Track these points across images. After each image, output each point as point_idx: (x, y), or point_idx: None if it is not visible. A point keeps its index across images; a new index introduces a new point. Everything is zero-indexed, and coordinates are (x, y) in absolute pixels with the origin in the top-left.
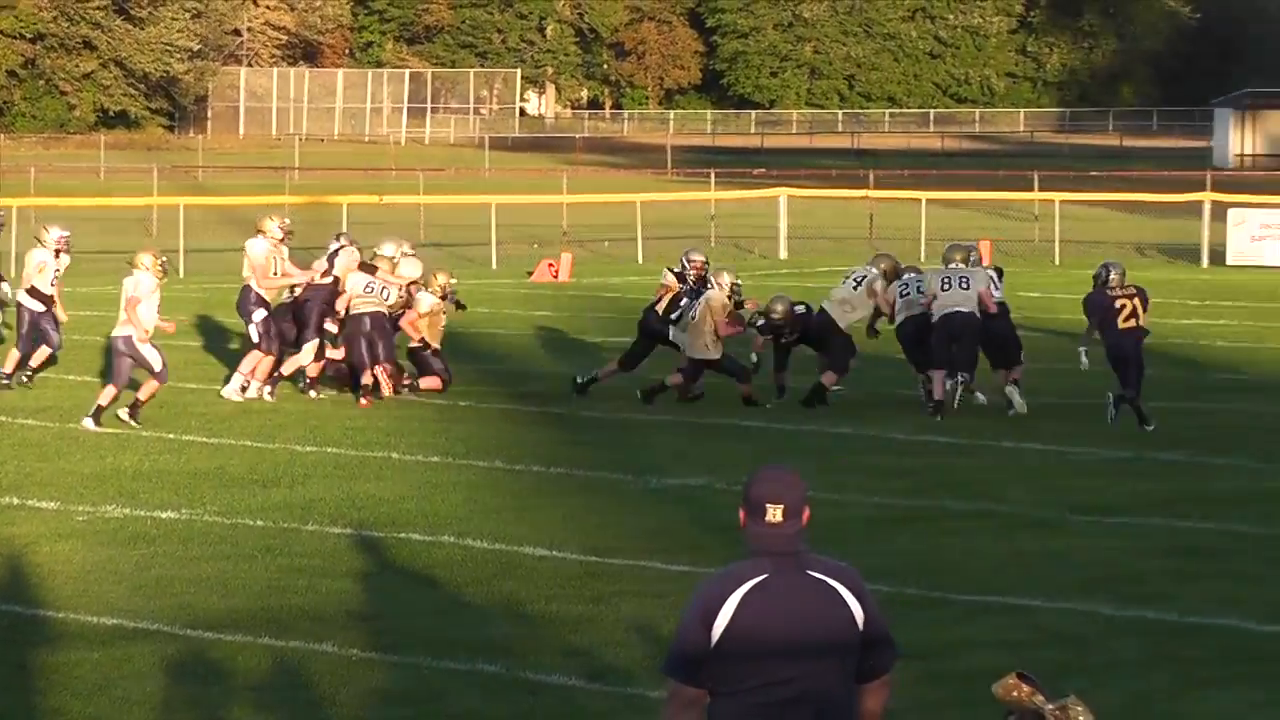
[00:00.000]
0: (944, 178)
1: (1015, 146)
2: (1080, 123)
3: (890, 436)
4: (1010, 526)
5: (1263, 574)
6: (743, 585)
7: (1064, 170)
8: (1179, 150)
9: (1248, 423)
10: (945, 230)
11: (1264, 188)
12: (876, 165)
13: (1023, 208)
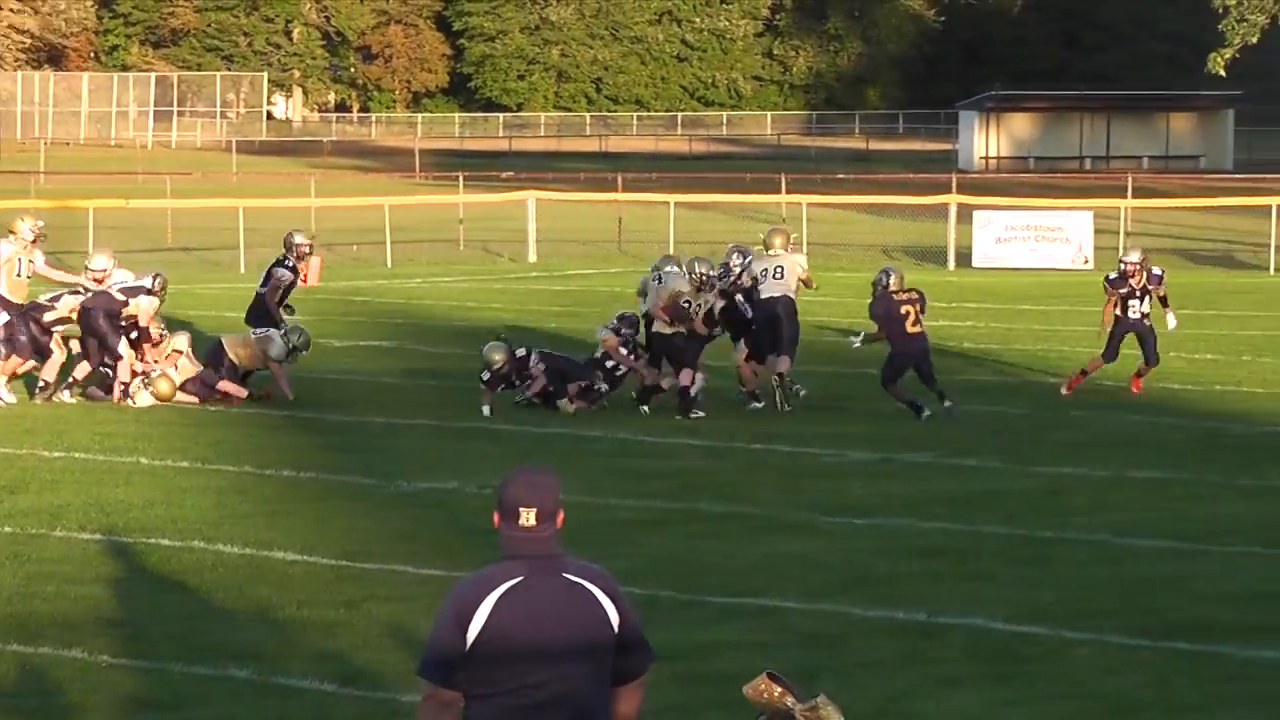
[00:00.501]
0: (692, 181)
1: (762, 149)
2: (827, 126)
3: (641, 439)
4: (762, 528)
5: (1008, 574)
6: (497, 588)
7: (811, 173)
8: (925, 153)
9: (994, 424)
10: (693, 233)
11: (1009, 190)
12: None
13: (770, 210)
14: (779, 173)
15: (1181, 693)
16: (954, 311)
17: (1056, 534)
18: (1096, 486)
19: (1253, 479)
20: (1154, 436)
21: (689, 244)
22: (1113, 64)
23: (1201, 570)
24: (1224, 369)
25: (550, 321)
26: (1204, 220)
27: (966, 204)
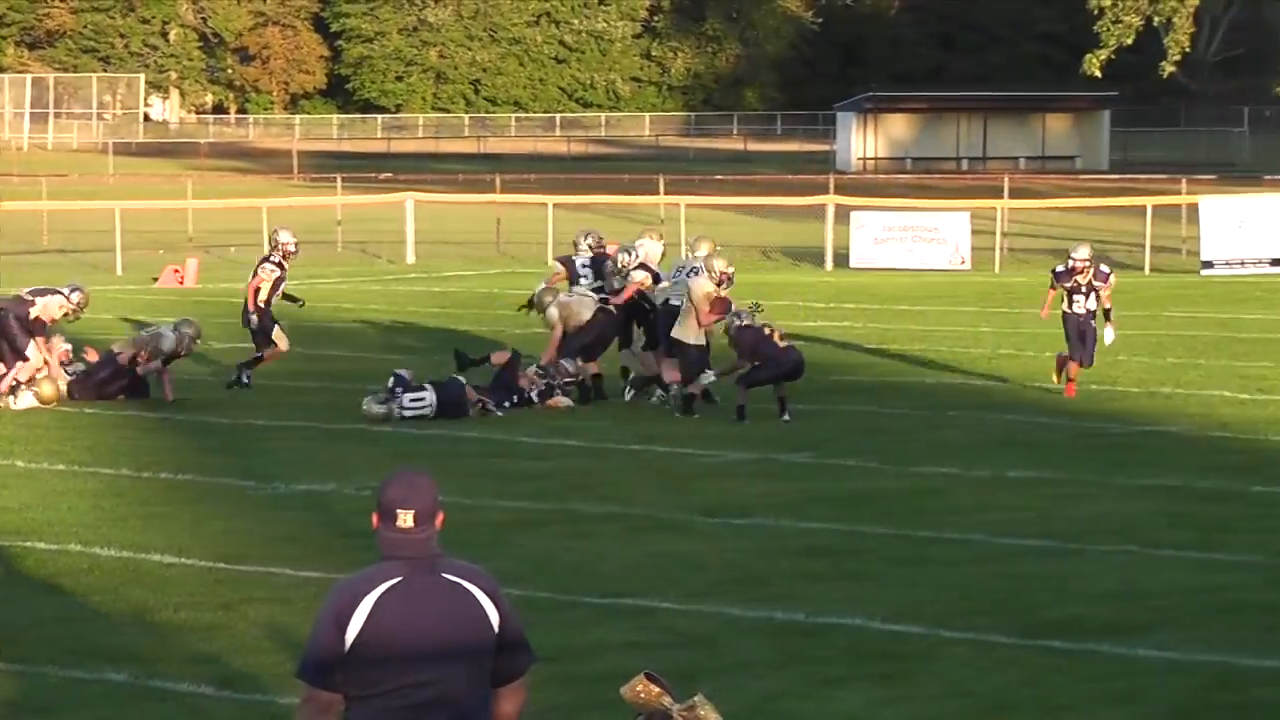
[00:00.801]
0: (570, 182)
1: (641, 150)
2: (705, 127)
3: (520, 440)
4: (640, 529)
5: (886, 573)
6: (376, 589)
7: (689, 174)
8: (803, 154)
9: (871, 424)
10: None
11: (886, 191)
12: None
13: (649, 212)
14: (657, 174)
15: (1057, 691)
16: (831, 312)
17: (935, 534)
18: (974, 486)
19: (1127, 478)
20: (1030, 436)
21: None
22: (989, 65)
23: (1076, 569)
24: (1099, 369)
25: (430, 322)
26: (1080, 221)
27: (844, 205)
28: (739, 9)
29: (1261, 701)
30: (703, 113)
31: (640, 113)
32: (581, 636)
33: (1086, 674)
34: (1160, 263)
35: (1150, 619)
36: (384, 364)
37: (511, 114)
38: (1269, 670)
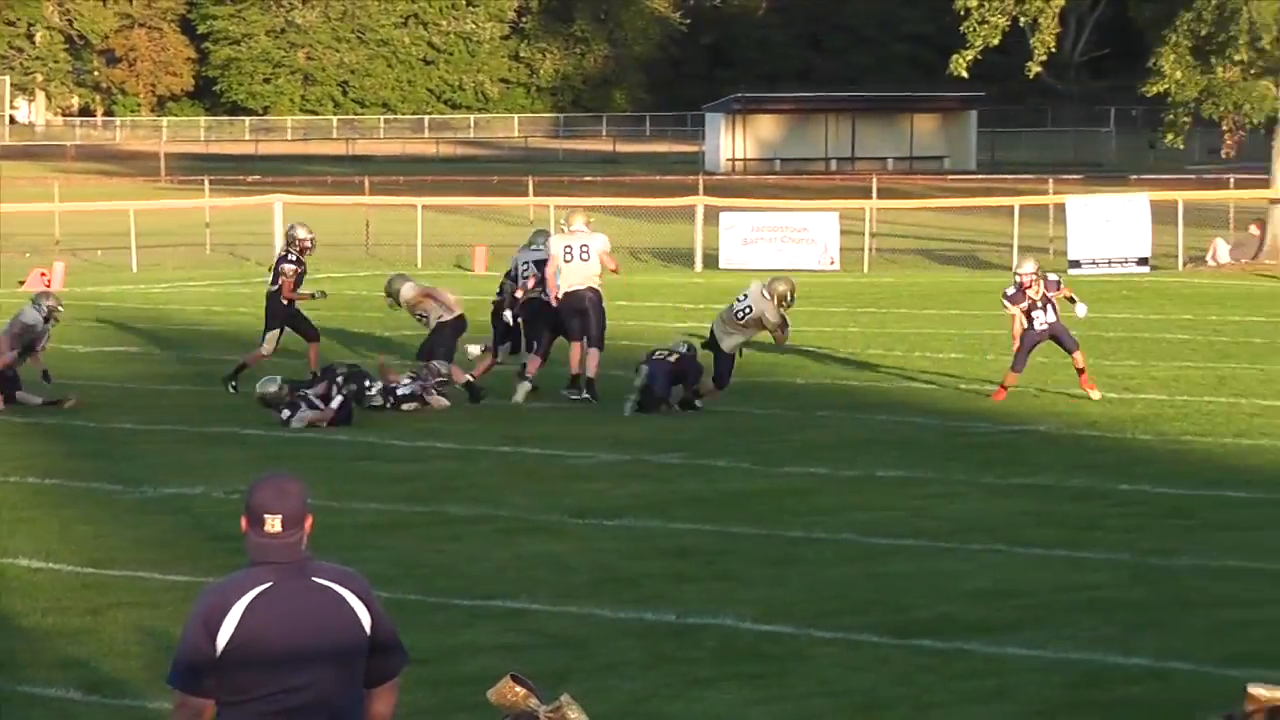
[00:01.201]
0: (439, 184)
1: (510, 152)
2: (574, 128)
3: (390, 443)
4: (510, 530)
5: (756, 574)
6: (246, 594)
7: (558, 176)
8: (672, 155)
9: (741, 424)
10: (441, 236)
11: (755, 191)
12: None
13: (518, 213)
14: (526, 175)
15: (927, 690)
16: (701, 313)
17: (804, 534)
18: (843, 486)
19: (996, 477)
20: (900, 436)
21: (437, 246)
22: (857, 66)
23: (946, 568)
24: (969, 368)
25: None
26: (948, 220)
27: (713, 206)
28: (607, 10)
29: (1128, 699)
30: (571, 114)
31: (509, 114)
32: (451, 639)
33: (956, 672)
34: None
35: (1019, 617)
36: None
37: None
38: (1135, 668)
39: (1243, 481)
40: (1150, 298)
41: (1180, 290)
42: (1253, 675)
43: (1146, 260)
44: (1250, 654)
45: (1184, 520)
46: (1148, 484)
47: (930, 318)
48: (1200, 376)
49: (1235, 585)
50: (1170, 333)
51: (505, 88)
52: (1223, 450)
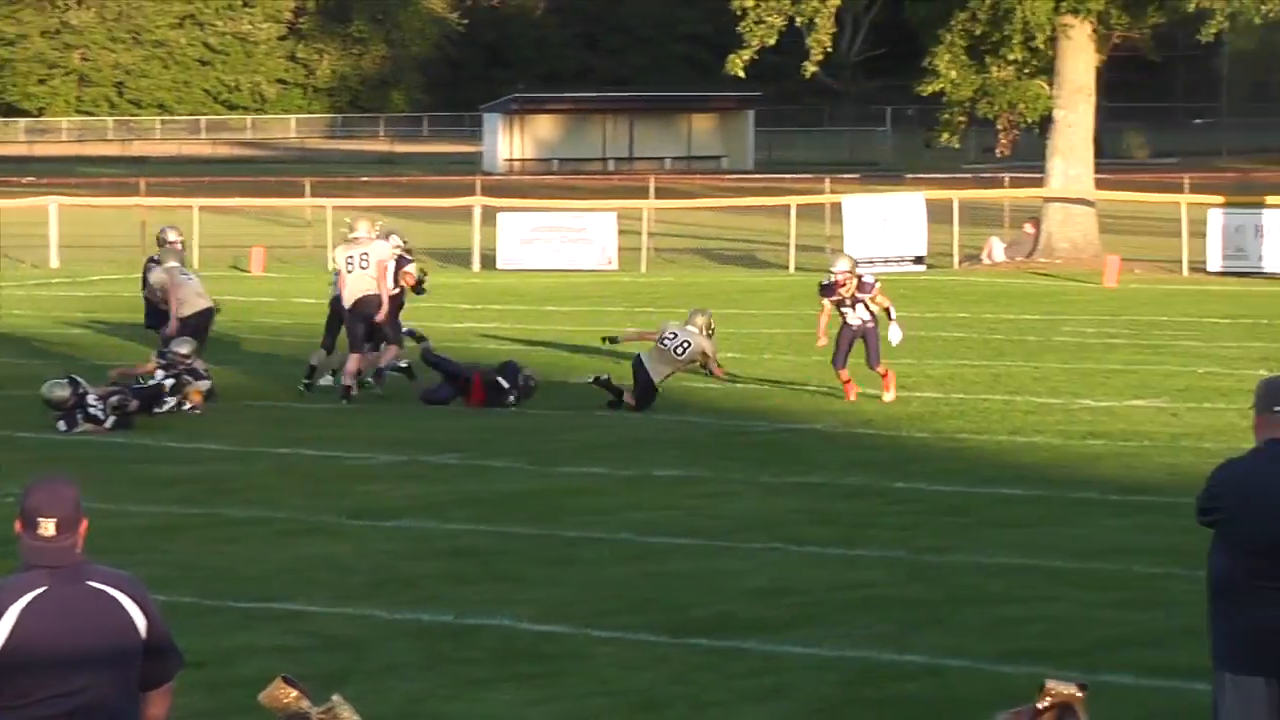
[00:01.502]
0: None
1: (287, 153)
2: (352, 129)
3: (166, 445)
4: (287, 532)
5: (533, 574)
6: (20, 599)
7: (335, 176)
8: (450, 155)
9: (518, 425)
10: (219, 237)
11: (533, 192)
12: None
13: (295, 214)
14: (304, 176)
15: (705, 688)
16: (479, 313)
17: (582, 533)
18: (621, 485)
19: (772, 476)
20: (677, 435)
21: (215, 248)
22: (634, 66)
23: (723, 567)
24: (746, 367)
25: (74, 329)
26: (726, 220)
27: (491, 206)
28: (384, 10)
29: (903, 696)
30: (349, 115)
31: (286, 115)
32: (228, 641)
33: (734, 670)
34: (805, 261)
35: (796, 615)
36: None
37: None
38: (911, 665)
39: (1017, 478)
40: (926, 296)
41: (956, 289)
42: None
43: (922, 259)
44: (1025, 650)
45: (959, 518)
46: (923, 481)
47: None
48: (975, 374)
49: (1010, 582)
50: (946, 331)
51: (282, 88)
52: (997, 447)
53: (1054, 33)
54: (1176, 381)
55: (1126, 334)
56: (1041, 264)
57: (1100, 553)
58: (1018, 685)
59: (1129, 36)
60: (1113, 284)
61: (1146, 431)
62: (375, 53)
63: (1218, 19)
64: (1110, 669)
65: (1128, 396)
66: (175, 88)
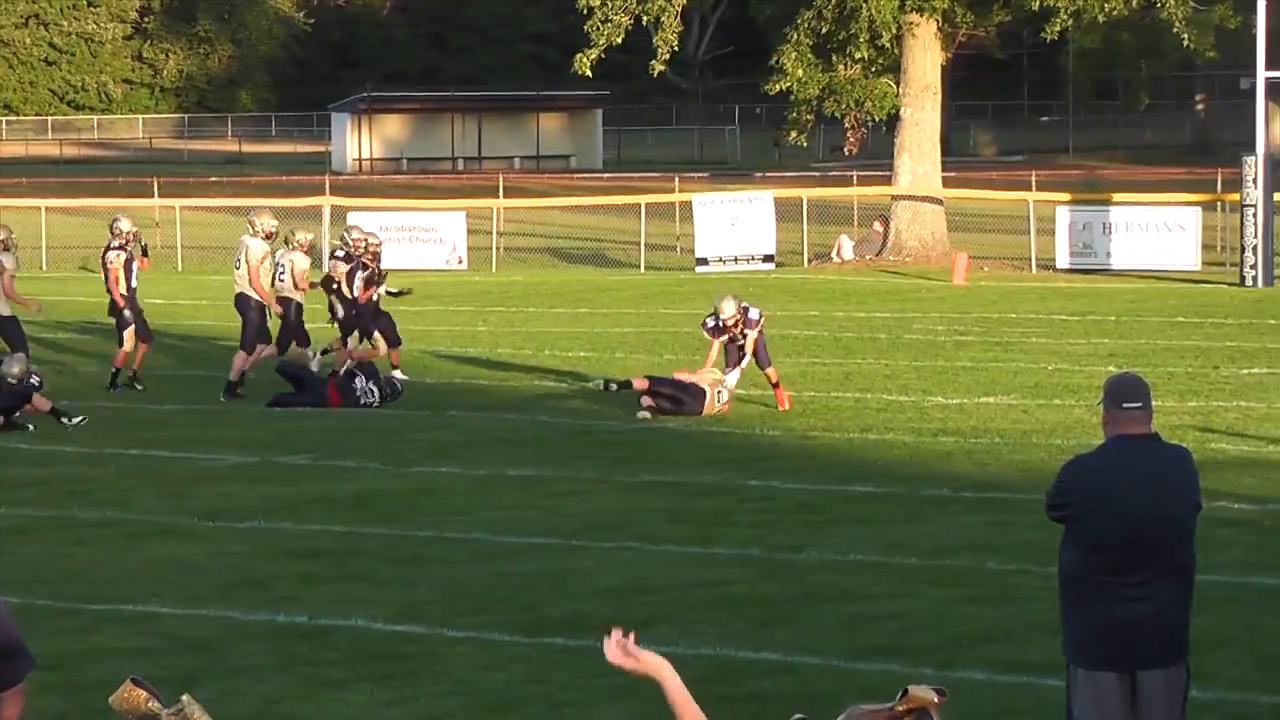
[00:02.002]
0: (64, 185)
1: (135, 153)
2: (199, 129)
3: (15, 447)
4: (139, 534)
5: (387, 574)
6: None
7: (184, 177)
8: (299, 155)
9: (366, 424)
10: (67, 238)
11: (382, 191)
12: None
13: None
14: (152, 176)
15: (560, 687)
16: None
17: (435, 533)
18: (474, 485)
19: (627, 475)
20: (530, 434)
21: (62, 249)
22: (482, 66)
23: (578, 566)
24: (597, 366)
25: None
26: (576, 219)
27: (340, 205)
28: (230, 10)
29: (756, 693)
30: (196, 114)
31: (133, 115)
32: (81, 643)
33: (589, 669)
34: (655, 260)
35: (651, 614)
36: None
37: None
38: (766, 662)
39: (869, 476)
40: (776, 295)
41: (806, 287)
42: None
43: (772, 258)
44: (879, 647)
45: (812, 515)
46: (776, 479)
47: (559, 316)
48: (826, 372)
49: (863, 579)
50: (796, 329)
51: (129, 88)
52: (849, 445)
53: (900, 31)
54: (1026, 378)
55: (976, 331)
56: (891, 262)
57: (953, 550)
58: (872, 682)
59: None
60: (962, 281)
61: (997, 428)
62: (222, 52)
63: (1062, 17)
64: (964, 665)
65: (978, 394)
66: (20, 88)
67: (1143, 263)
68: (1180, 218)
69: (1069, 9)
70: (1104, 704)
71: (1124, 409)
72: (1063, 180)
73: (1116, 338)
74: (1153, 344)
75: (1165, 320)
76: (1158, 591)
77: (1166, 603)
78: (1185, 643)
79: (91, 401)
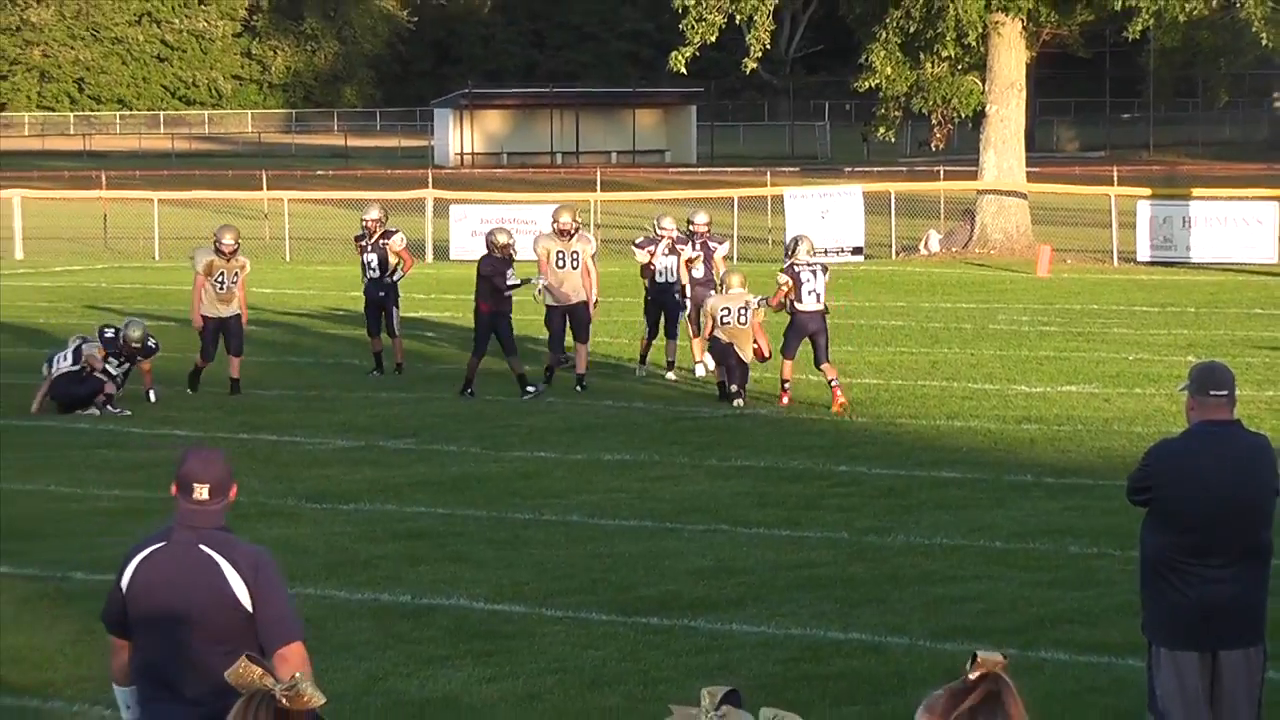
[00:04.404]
0: (175, 178)
1: (244, 147)
2: (306, 123)
3: (129, 431)
4: (247, 515)
5: (487, 556)
6: (142, 551)
7: (291, 170)
8: (402, 149)
9: (471, 410)
10: (178, 229)
11: (483, 185)
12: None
13: (253, 206)
14: (260, 169)
15: (654, 665)
16: (433, 303)
17: (533, 516)
18: (570, 470)
19: (718, 460)
20: (625, 421)
21: (174, 239)
22: (579, 63)
23: (671, 548)
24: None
25: (39, 317)
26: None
27: (443, 199)
28: (336, 8)
29: (845, 672)
30: (303, 110)
31: (242, 110)
32: None
33: (681, 648)
34: (747, 252)
35: (741, 594)
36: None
37: (116, 112)
38: (853, 642)
39: (954, 462)
40: (865, 286)
41: (893, 278)
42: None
43: (861, 250)
44: (963, 628)
45: (898, 499)
46: (864, 465)
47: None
48: (913, 361)
49: (947, 562)
50: (884, 320)
51: (238, 84)
52: (935, 432)
53: (985, 30)
54: (1108, 368)
55: (1059, 322)
56: (976, 254)
57: (1035, 533)
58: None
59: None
60: (1045, 274)
61: (1079, 416)
62: (328, 49)
63: (1143, 16)
64: (1045, 646)
65: (1061, 382)
66: (134, 84)
67: (1221, 256)
68: (1258, 212)
69: (1150, 9)
70: (1186, 683)
71: (1210, 395)
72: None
73: (1195, 329)
74: (1231, 335)
75: (1243, 311)
76: (1237, 574)
77: (1246, 585)
78: (1263, 624)
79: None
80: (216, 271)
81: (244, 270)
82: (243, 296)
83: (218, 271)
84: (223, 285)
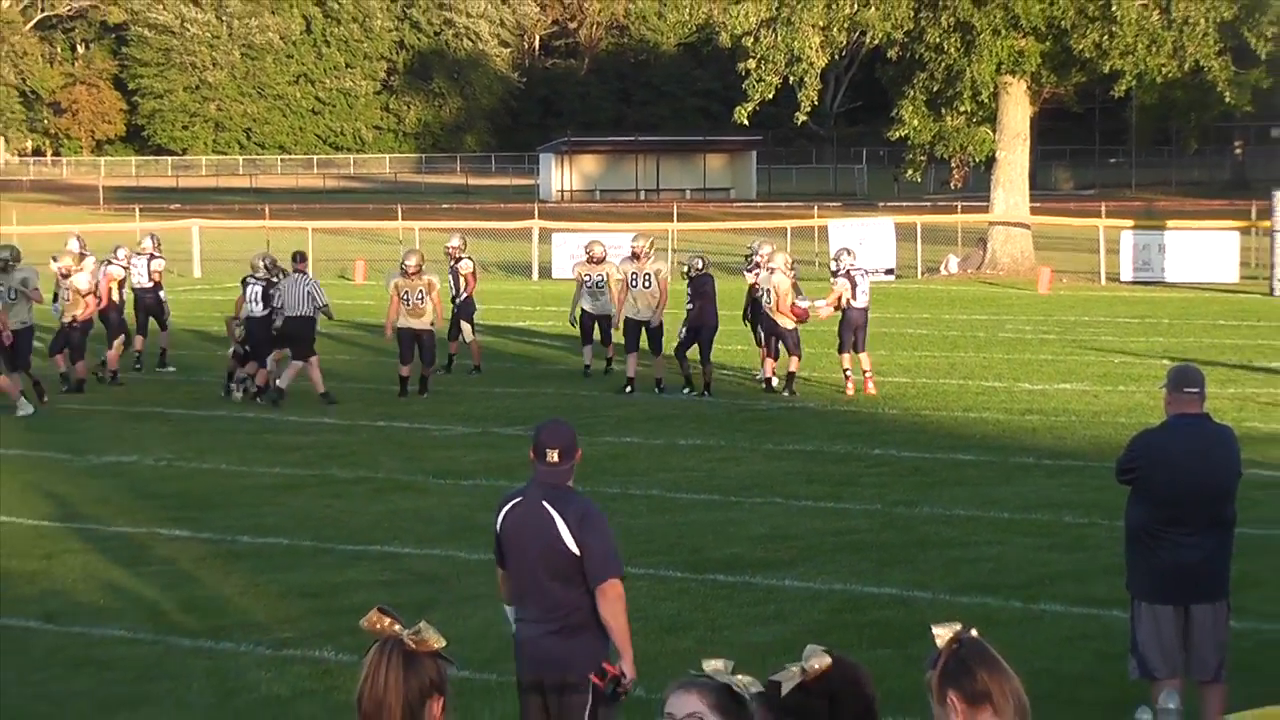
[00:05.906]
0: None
1: (383, 185)
2: (434, 165)
3: (286, 419)
4: (383, 489)
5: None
6: (508, 504)
7: (422, 204)
8: (514, 187)
9: (569, 403)
10: (328, 253)
11: (580, 216)
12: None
13: (390, 235)
14: (396, 204)
15: (720, 615)
16: (537, 314)
17: (620, 490)
18: (651, 452)
19: (773, 444)
20: (696, 412)
21: (326, 261)
22: (660, 115)
23: (735, 517)
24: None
25: (213, 325)
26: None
27: (547, 228)
28: (459, 70)
29: (879, 620)
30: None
31: (381, 154)
32: (337, 577)
33: (743, 600)
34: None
35: (793, 556)
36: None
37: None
38: (884, 596)
39: (969, 446)
40: (895, 301)
41: (919, 295)
42: (980, 602)
43: (892, 271)
44: (977, 584)
45: (923, 477)
46: (894, 449)
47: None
48: (935, 363)
49: (964, 529)
50: (911, 329)
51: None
52: (954, 421)
53: (996, 89)
54: (1097, 369)
55: (1056, 331)
56: (988, 275)
57: (1036, 506)
58: (972, 612)
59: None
60: (1045, 291)
61: (1073, 409)
62: (452, 104)
63: (1127, 78)
64: (1045, 600)
65: (1058, 381)
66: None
67: (1191, 276)
68: (1222, 240)
69: (1133, 72)
70: (1162, 631)
71: (1184, 392)
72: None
73: (1170, 337)
74: (1199, 342)
75: (1209, 323)
76: (1205, 541)
77: (1212, 550)
78: (1227, 583)
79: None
80: (403, 290)
81: (431, 288)
82: (438, 309)
83: (402, 290)
84: (409, 302)
